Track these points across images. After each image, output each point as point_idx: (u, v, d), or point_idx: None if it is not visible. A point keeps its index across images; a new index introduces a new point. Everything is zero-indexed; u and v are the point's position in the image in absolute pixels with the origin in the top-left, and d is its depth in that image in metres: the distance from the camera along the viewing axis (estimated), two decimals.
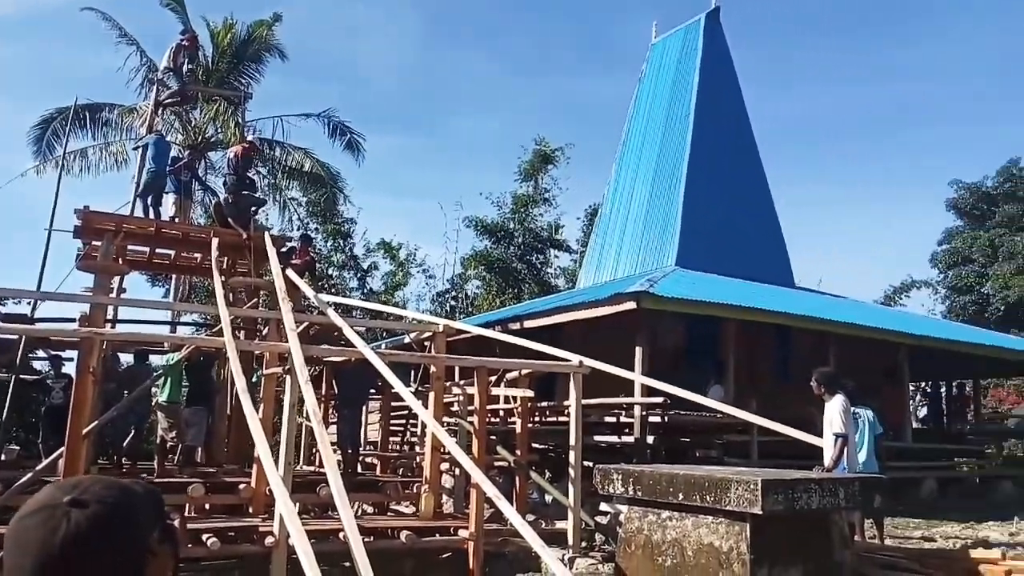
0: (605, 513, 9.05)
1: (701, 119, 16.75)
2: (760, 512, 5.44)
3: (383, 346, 15.42)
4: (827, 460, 7.24)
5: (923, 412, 37.72)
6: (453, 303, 29.74)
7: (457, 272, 30.28)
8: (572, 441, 8.41)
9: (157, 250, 12.81)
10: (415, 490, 9.61)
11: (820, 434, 7.53)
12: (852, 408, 8.12)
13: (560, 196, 30.70)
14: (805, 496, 5.86)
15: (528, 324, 12.86)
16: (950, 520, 11.18)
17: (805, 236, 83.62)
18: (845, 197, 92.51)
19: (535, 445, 12.87)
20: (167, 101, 15.21)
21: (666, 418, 11.29)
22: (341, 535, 6.09)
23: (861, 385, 13.48)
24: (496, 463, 11.30)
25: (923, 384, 30.79)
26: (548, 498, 10.86)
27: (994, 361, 16.25)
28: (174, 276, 19.04)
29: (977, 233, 46.79)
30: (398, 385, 7.26)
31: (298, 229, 25.17)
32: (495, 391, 10.60)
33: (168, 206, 13.26)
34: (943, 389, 21.36)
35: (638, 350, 11.09)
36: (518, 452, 10.17)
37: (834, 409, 7.29)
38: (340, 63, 72.97)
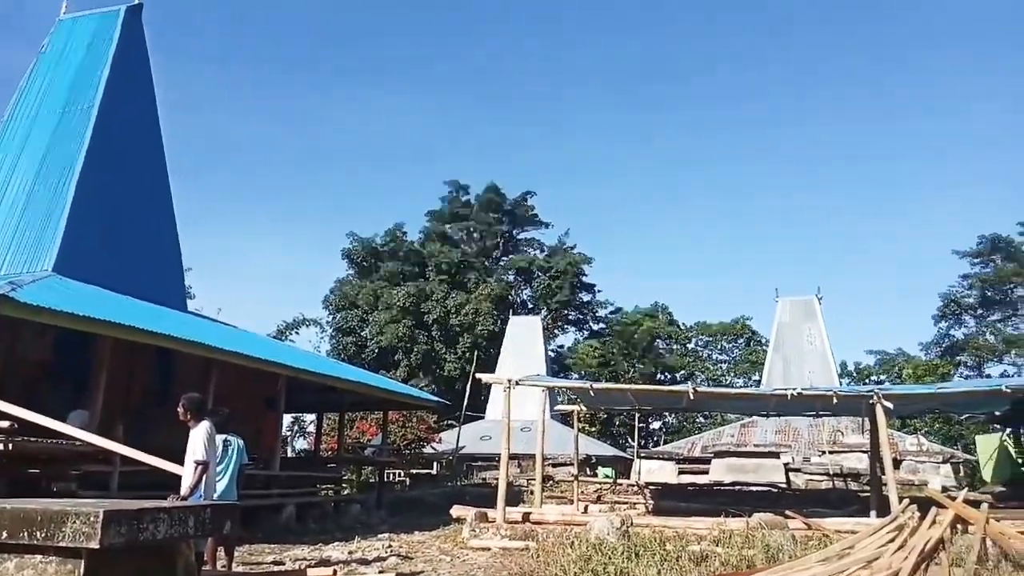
0: None
1: (107, 117, 15.26)
2: (98, 546, 4.88)
3: None
4: (184, 488, 6.97)
5: (300, 442, 40.40)
6: None
7: None
8: None
9: None
10: None
11: None
12: (224, 436, 8.07)
13: None
14: (152, 526, 5.45)
15: None
16: (303, 543, 11.88)
17: (214, 265, 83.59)
18: (258, 232, 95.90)
19: None
20: None
21: (11, 446, 9.58)
22: None
23: (243, 413, 13.62)
24: None
25: (303, 415, 32.96)
26: None
27: (361, 396, 18.26)
28: None
29: (364, 283, 53.22)
30: None
31: None
32: None
33: None
34: (315, 420, 23.14)
35: None
36: None
37: (198, 436, 7.10)
38: None
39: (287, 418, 32.30)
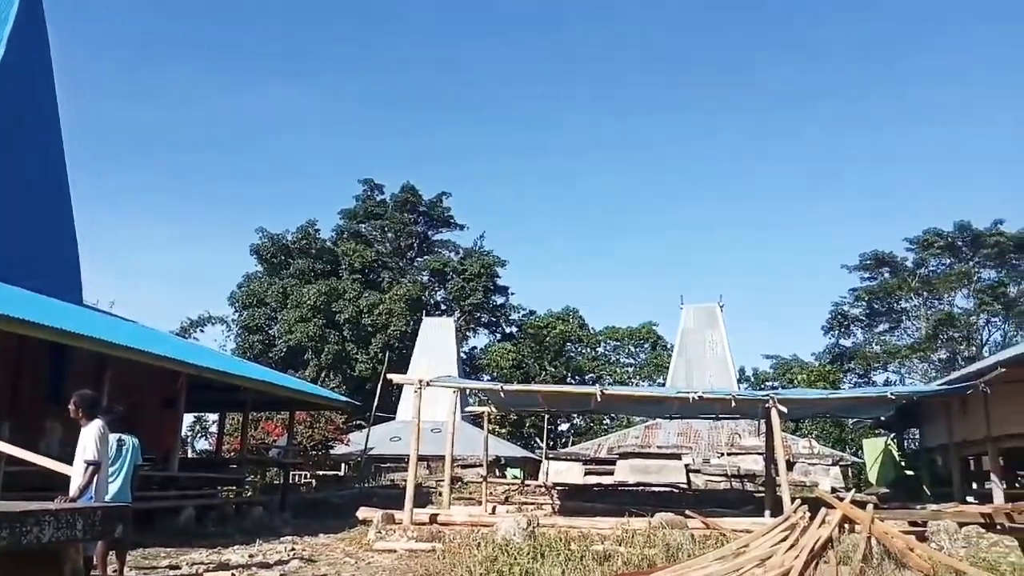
0: None
1: (1, 99, 14.40)
2: None
3: None
4: (73, 489, 6.65)
5: (202, 443, 39.08)
6: None
7: None
8: None
9: None
10: None
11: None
12: (119, 435, 7.73)
13: None
14: (36, 529, 5.19)
15: None
16: (202, 546, 11.48)
17: (104, 257, 79.90)
18: (158, 225, 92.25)
19: None
20: None
21: None
22: None
23: (140, 411, 13.07)
24: None
25: (205, 414, 31.87)
26: None
27: (266, 396, 17.78)
28: None
29: (273, 280, 51.84)
30: None
31: None
32: None
33: None
34: (218, 419, 22.39)
35: None
36: None
37: (90, 435, 6.78)
38: None
39: (188, 417, 31.19)
